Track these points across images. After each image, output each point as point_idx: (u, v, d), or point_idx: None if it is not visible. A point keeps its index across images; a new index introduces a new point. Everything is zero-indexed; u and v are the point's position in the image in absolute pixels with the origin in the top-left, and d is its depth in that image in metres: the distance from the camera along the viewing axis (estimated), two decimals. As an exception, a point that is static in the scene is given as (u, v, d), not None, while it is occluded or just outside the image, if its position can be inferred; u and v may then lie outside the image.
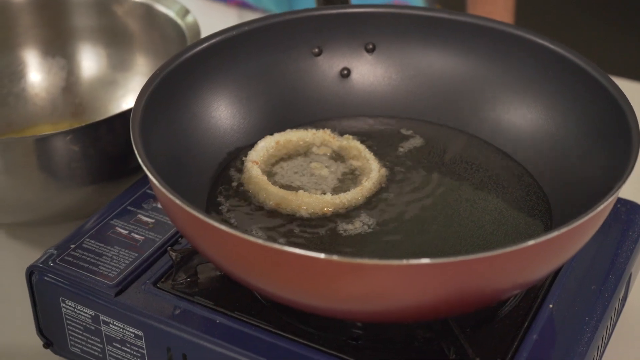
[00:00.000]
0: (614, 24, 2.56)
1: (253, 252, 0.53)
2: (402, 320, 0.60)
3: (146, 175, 0.75)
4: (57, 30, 0.95)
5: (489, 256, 0.53)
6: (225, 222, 0.65)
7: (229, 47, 0.71)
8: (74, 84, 0.97)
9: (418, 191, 0.69)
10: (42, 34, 0.95)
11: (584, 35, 2.44)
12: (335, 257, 0.50)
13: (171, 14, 0.90)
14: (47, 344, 0.72)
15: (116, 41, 0.95)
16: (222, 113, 0.71)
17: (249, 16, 1.23)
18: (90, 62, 0.97)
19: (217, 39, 0.70)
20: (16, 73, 0.96)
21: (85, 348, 0.69)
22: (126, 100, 0.96)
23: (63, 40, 0.96)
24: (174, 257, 0.66)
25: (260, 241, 0.52)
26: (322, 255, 0.51)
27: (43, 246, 0.83)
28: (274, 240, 0.63)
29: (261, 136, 0.72)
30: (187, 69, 0.68)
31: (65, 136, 0.77)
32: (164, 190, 0.56)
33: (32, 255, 0.82)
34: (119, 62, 0.96)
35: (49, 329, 0.71)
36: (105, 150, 0.79)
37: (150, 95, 0.64)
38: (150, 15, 0.92)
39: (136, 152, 0.60)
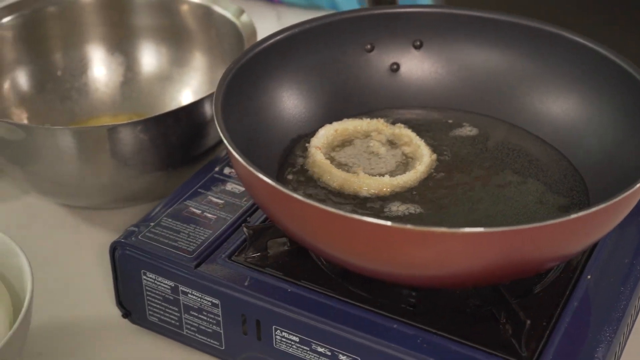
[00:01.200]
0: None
1: (330, 221, 0.60)
2: (460, 285, 0.67)
3: (214, 162, 0.83)
4: (119, 28, 1.02)
5: (538, 227, 0.59)
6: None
7: (293, 43, 0.78)
8: (132, 79, 1.05)
9: (465, 174, 0.76)
10: (105, 32, 1.02)
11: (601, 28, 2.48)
12: (409, 226, 0.56)
13: (228, 14, 0.97)
14: (126, 314, 0.79)
15: (175, 40, 1.02)
16: (287, 103, 0.78)
17: (287, 15, 1.31)
18: (149, 58, 1.04)
19: (283, 35, 0.77)
20: (79, 68, 1.04)
21: (162, 317, 0.76)
22: (182, 94, 1.03)
23: (125, 38, 1.03)
24: (247, 233, 0.73)
25: (340, 212, 0.59)
26: (389, 223, 0.58)
27: (114, 228, 0.91)
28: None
29: (321, 125, 0.79)
30: (257, 62, 0.76)
31: (135, 126, 0.84)
32: (246, 165, 0.63)
33: (105, 236, 0.90)
34: (176, 59, 1.03)
35: (129, 300, 0.78)
36: (171, 140, 0.86)
37: (227, 85, 0.71)
38: (208, 16, 0.99)
39: (221, 133, 0.67)
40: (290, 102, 0.79)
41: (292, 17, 1.18)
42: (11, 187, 0.96)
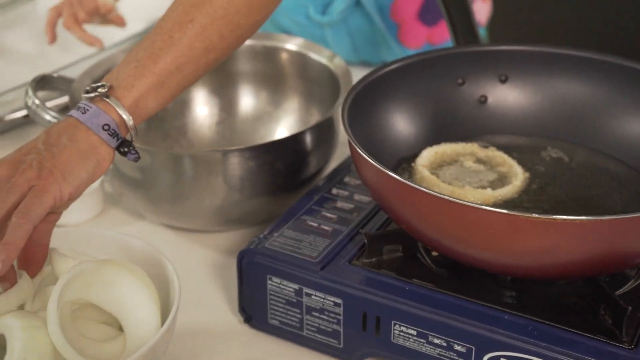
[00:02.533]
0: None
1: (450, 211, 0.69)
2: (572, 275, 0.75)
3: (320, 186, 0.92)
4: (220, 73, 1.13)
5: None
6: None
7: (397, 75, 0.89)
8: (227, 119, 1.15)
9: (556, 188, 0.85)
10: (207, 77, 1.13)
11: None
12: (534, 214, 0.66)
13: (322, 59, 1.08)
14: (247, 319, 0.87)
15: (272, 83, 1.13)
16: (394, 126, 0.89)
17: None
18: (246, 100, 1.14)
19: (392, 67, 0.88)
20: (182, 110, 1.14)
21: (284, 320, 0.84)
22: (276, 134, 1.13)
23: (224, 81, 1.13)
24: (366, 239, 0.81)
25: (469, 203, 0.68)
26: (504, 211, 0.67)
27: (224, 249, 0.99)
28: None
29: (421, 148, 0.89)
30: (371, 89, 0.86)
31: (244, 152, 0.93)
32: (375, 163, 0.73)
33: (215, 256, 0.98)
34: (272, 102, 1.13)
35: (251, 305, 0.86)
36: (277, 167, 0.96)
37: (350, 106, 0.81)
38: (304, 61, 1.10)
39: (349, 137, 0.78)
40: (396, 125, 0.89)
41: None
42: (124, 214, 1.05)
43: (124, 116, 0.76)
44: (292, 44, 1.11)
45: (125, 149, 0.78)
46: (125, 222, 1.04)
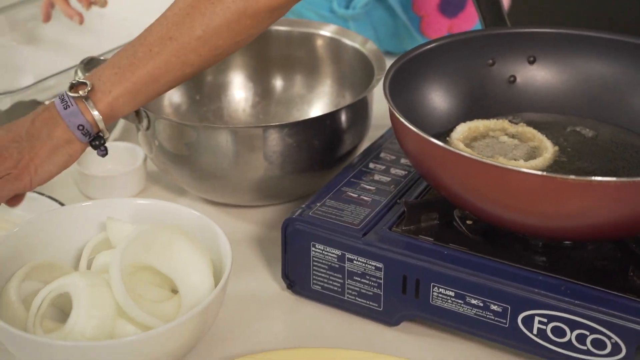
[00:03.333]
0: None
1: (490, 174, 0.74)
2: (596, 238, 0.80)
3: (356, 162, 0.97)
4: (257, 58, 1.18)
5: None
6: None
7: (433, 55, 0.94)
8: (261, 103, 1.19)
9: (583, 161, 0.90)
10: (245, 61, 1.18)
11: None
12: (571, 176, 0.70)
13: (355, 45, 1.12)
14: (290, 285, 0.92)
15: (306, 68, 1.18)
16: (432, 104, 0.93)
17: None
18: (281, 83, 1.19)
19: (429, 46, 0.93)
20: (218, 94, 1.19)
21: (326, 285, 0.89)
22: (310, 115, 1.17)
23: (263, 66, 1.18)
24: (405, 207, 0.86)
25: (502, 165, 0.73)
26: (542, 173, 0.72)
27: (262, 223, 1.04)
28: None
29: (455, 124, 0.94)
30: (407, 68, 0.91)
31: (283, 129, 0.98)
32: (416, 129, 0.78)
33: (254, 230, 1.03)
34: (306, 86, 1.18)
35: (294, 271, 0.91)
36: (314, 144, 1.00)
37: (389, 82, 0.86)
38: (338, 46, 1.15)
39: (390, 105, 0.83)
40: (431, 102, 0.94)
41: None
42: (165, 191, 1.10)
43: (97, 119, 0.86)
44: (326, 30, 1.16)
45: (96, 143, 0.89)
46: (166, 198, 1.09)
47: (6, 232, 0.86)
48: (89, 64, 1.04)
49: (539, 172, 0.72)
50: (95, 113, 0.86)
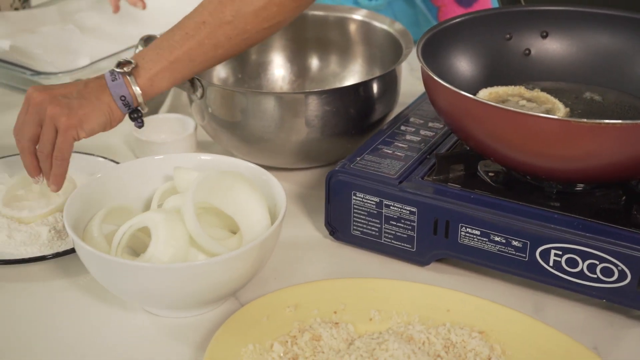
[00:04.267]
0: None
1: (513, 120, 0.86)
2: (606, 179, 0.91)
3: (387, 126, 1.08)
4: (297, 40, 1.30)
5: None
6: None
7: (457, 29, 1.06)
8: (296, 82, 1.32)
9: (593, 117, 1.02)
10: (285, 43, 1.31)
11: None
12: (583, 119, 0.82)
13: (384, 26, 1.25)
14: (332, 232, 1.04)
15: (340, 48, 1.30)
16: (455, 69, 1.06)
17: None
18: (316, 63, 1.31)
19: (455, 21, 1.06)
20: (258, 72, 1.31)
21: (365, 230, 1.01)
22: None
23: (300, 47, 1.31)
24: (436, 159, 0.98)
25: (524, 111, 0.85)
26: (559, 117, 0.84)
27: (301, 184, 1.16)
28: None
29: (478, 89, 1.06)
30: (436, 38, 1.03)
31: (321, 95, 1.10)
32: (448, 85, 0.89)
33: (294, 189, 1.15)
34: (339, 64, 1.30)
35: (337, 219, 1.02)
36: (349, 111, 1.12)
37: (422, 49, 0.98)
38: (368, 28, 1.27)
39: (425, 67, 0.94)
40: (456, 70, 1.06)
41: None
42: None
43: (137, 93, 1.00)
44: (358, 14, 1.28)
45: (135, 116, 1.03)
46: (215, 163, 1.21)
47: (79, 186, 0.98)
48: (148, 40, 1.16)
49: (556, 117, 0.84)
50: (136, 88, 1.00)
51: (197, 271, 0.85)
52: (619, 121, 0.82)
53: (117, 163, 1.12)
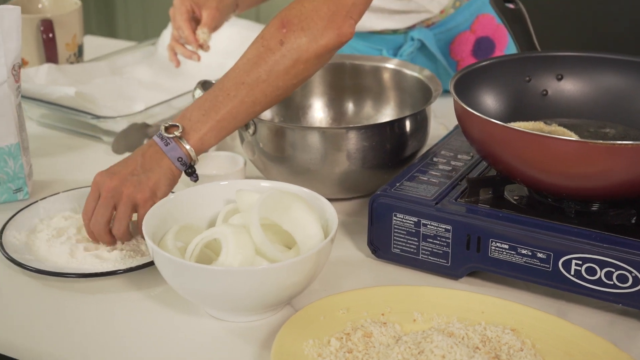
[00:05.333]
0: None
1: (537, 144, 0.99)
2: (618, 195, 1.04)
3: (420, 158, 1.22)
4: (336, 87, 1.45)
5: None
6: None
7: (484, 70, 1.20)
8: (334, 123, 1.45)
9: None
10: (325, 90, 1.45)
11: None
12: (599, 141, 0.95)
13: (414, 73, 1.39)
14: (374, 250, 1.16)
15: (374, 94, 1.45)
16: (483, 108, 1.19)
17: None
18: (352, 107, 1.45)
19: (482, 64, 1.20)
20: (297, 115, 1.45)
21: (404, 248, 1.13)
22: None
23: (338, 93, 1.45)
24: (468, 183, 1.11)
25: (547, 135, 0.98)
26: (578, 139, 0.97)
27: (344, 211, 1.28)
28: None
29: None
30: (466, 78, 1.17)
31: (360, 130, 1.23)
32: (479, 114, 1.03)
33: (340, 216, 1.27)
34: (373, 108, 1.44)
35: (379, 238, 1.14)
36: (385, 145, 1.25)
37: (454, 86, 1.12)
38: (400, 75, 1.41)
39: (460, 102, 1.07)
40: (482, 107, 1.20)
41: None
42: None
43: (191, 153, 1.14)
44: (390, 63, 1.43)
45: (190, 171, 1.16)
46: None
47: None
48: (205, 85, 1.30)
49: (575, 139, 0.97)
50: (189, 147, 1.13)
51: (263, 275, 0.97)
52: (630, 142, 0.95)
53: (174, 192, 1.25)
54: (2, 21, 1.24)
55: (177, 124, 1.14)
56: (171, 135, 1.13)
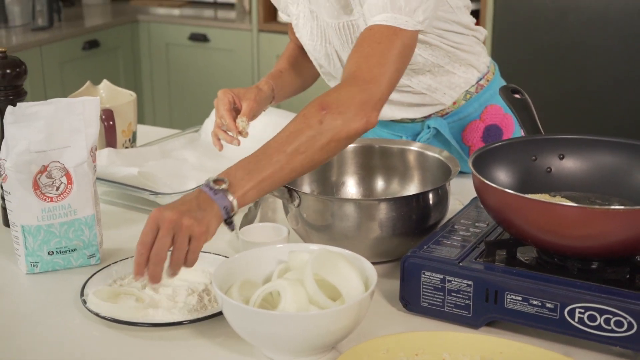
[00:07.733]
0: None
1: (544, 210, 1.18)
2: (614, 254, 1.23)
3: (442, 227, 1.41)
4: (366, 167, 1.65)
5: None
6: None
7: (497, 151, 1.41)
8: (364, 196, 1.65)
9: (601, 218, 1.35)
10: (357, 169, 1.65)
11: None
12: (596, 206, 1.15)
13: (435, 154, 1.60)
14: (406, 305, 1.34)
15: (400, 173, 1.65)
16: (496, 182, 1.39)
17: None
18: (381, 184, 1.65)
19: (491, 146, 1.40)
20: (331, 190, 1.65)
21: (431, 301, 1.31)
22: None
23: (369, 172, 1.66)
24: (486, 245, 1.30)
25: (553, 202, 1.17)
26: (578, 205, 1.16)
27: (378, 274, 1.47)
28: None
29: (513, 197, 1.39)
30: (481, 157, 1.37)
31: (389, 201, 1.43)
32: (495, 185, 1.22)
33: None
34: (399, 185, 1.64)
35: (409, 294, 1.33)
36: (411, 216, 1.45)
37: (473, 164, 1.32)
38: (423, 156, 1.62)
39: (478, 176, 1.27)
40: (496, 180, 1.40)
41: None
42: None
43: (234, 204, 1.30)
44: (414, 146, 1.64)
45: (230, 220, 1.30)
46: (304, 260, 1.52)
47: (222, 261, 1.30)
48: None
49: (575, 204, 1.16)
50: (234, 200, 1.30)
51: (316, 319, 1.15)
52: (622, 207, 1.15)
53: (227, 257, 1.44)
54: (84, 110, 1.45)
55: (223, 178, 1.31)
56: (219, 187, 1.29)
